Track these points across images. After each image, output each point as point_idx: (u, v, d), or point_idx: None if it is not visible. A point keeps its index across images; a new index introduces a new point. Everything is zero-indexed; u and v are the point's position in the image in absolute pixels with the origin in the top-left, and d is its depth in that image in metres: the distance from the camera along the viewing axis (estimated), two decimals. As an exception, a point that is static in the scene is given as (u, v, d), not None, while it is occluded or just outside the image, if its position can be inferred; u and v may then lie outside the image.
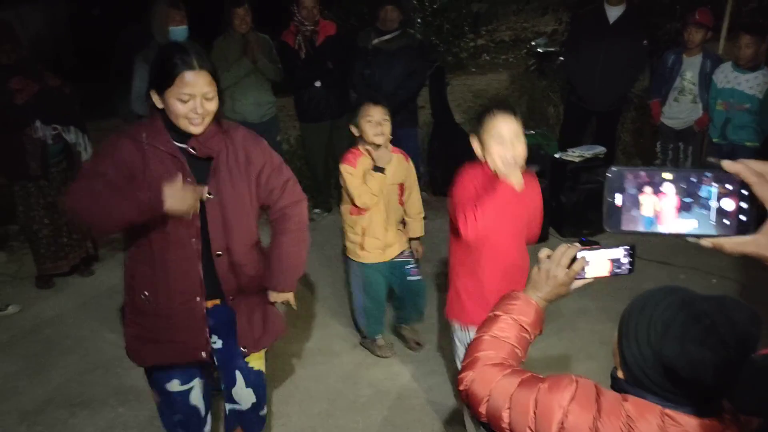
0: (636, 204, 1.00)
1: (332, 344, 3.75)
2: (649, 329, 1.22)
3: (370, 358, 3.60)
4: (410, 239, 3.49)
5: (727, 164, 0.94)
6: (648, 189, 0.99)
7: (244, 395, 2.51)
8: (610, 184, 1.01)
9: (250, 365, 2.47)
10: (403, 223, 3.46)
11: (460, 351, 2.64)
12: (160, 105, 2.06)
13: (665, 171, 0.98)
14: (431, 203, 5.29)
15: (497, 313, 1.48)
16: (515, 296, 1.49)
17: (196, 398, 2.43)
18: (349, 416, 3.17)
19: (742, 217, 0.96)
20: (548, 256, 1.45)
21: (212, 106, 2.07)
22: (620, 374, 1.30)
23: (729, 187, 0.96)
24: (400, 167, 3.30)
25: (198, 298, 2.21)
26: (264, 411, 2.63)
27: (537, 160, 4.87)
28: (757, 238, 0.93)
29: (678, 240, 1.01)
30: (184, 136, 2.10)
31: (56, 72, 4.35)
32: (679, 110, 4.90)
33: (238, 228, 2.21)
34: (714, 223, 0.97)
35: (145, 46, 4.39)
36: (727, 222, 0.96)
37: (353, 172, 3.18)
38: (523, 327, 1.45)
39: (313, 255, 4.76)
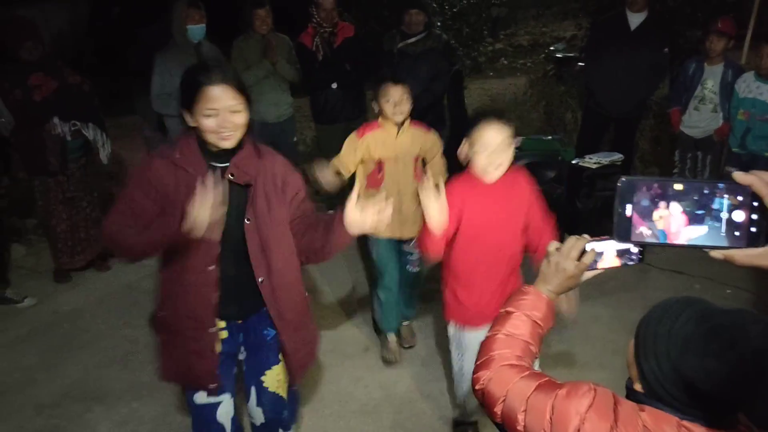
0: (647, 215, 0.99)
1: (344, 346, 3.76)
2: (668, 344, 1.21)
3: (392, 363, 3.60)
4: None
5: (739, 176, 0.94)
6: (659, 200, 0.99)
7: (256, 413, 2.50)
8: (621, 195, 1.01)
9: (265, 385, 2.44)
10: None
11: (452, 347, 2.81)
12: (192, 123, 2.05)
13: (677, 182, 0.98)
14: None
15: (509, 309, 1.47)
16: (525, 291, 1.48)
17: (224, 415, 2.39)
18: (360, 419, 3.18)
19: (753, 229, 0.95)
20: (557, 249, 1.43)
21: (240, 119, 2.04)
22: (637, 387, 1.29)
23: (740, 198, 0.95)
24: (417, 140, 3.29)
25: (211, 329, 2.20)
26: None
27: (553, 165, 4.86)
28: None
29: (692, 250, 1.01)
30: (220, 156, 2.10)
31: (76, 69, 4.41)
32: (699, 119, 4.86)
33: (278, 251, 2.20)
34: (724, 235, 0.96)
35: (165, 45, 4.44)
36: (737, 233, 0.96)
37: (351, 140, 3.29)
38: (536, 322, 1.44)
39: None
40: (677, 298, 1.29)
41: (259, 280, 2.19)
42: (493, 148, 2.40)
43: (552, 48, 9.00)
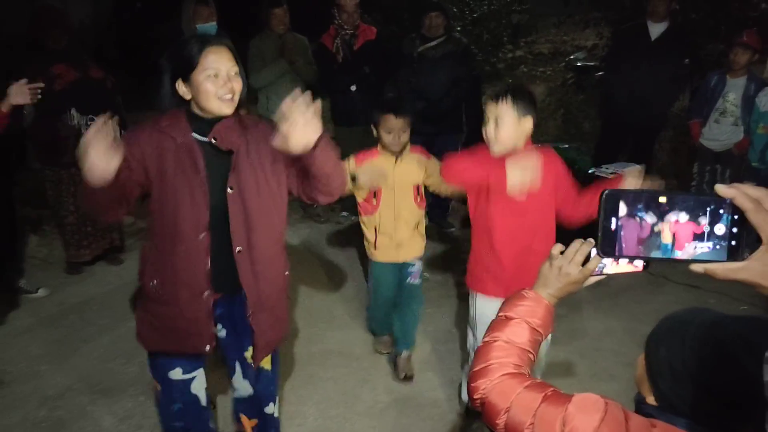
0: (632, 228, 0.98)
1: (352, 347, 3.74)
2: (683, 351, 1.18)
3: (390, 363, 3.58)
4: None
5: (722, 189, 0.93)
6: (643, 213, 0.97)
7: (242, 386, 2.53)
8: (605, 208, 0.99)
9: (248, 361, 2.46)
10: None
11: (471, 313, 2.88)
12: (188, 95, 2.05)
13: (661, 194, 0.97)
14: (460, 211, 5.26)
15: (508, 314, 1.42)
16: (524, 296, 1.44)
17: (198, 388, 2.44)
18: (365, 421, 3.15)
19: (734, 243, 0.94)
20: (561, 252, 1.39)
21: (238, 85, 2.07)
22: (650, 400, 1.25)
23: (722, 211, 0.94)
24: (416, 167, 3.24)
25: (205, 294, 2.20)
26: (269, 409, 2.60)
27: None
28: (749, 265, 0.92)
29: (679, 264, 0.99)
30: (206, 128, 2.09)
31: (98, 63, 4.42)
32: (720, 132, 4.80)
33: (262, 223, 2.19)
34: (706, 249, 0.95)
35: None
36: (718, 247, 0.95)
37: (349, 165, 3.18)
38: (535, 329, 1.39)
39: (338, 256, 4.82)
40: (685, 309, 1.26)
41: (237, 249, 2.18)
42: (492, 120, 2.49)
43: (572, 57, 8.96)
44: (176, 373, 2.37)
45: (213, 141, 2.09)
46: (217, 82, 2.02)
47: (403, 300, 3.51)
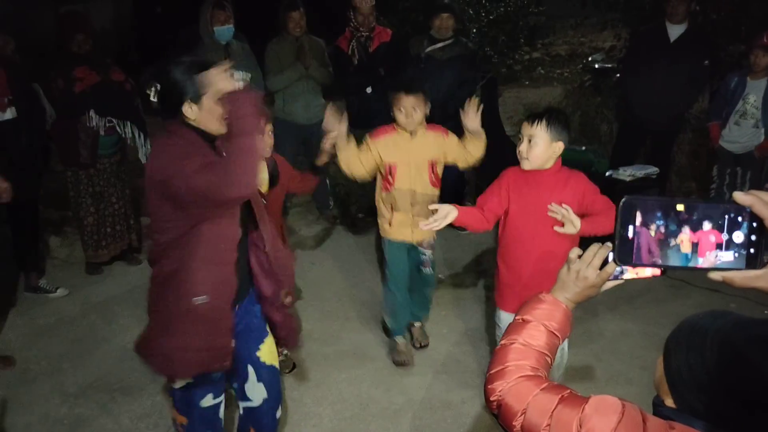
0: (649, 236, 0.97)
1: (368, 348, 3.75)
2: (702, 352, 1.17)
3: (405, 365, 3.58)
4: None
5: (739, 196, 0.93)
6: (661, 221, 0.97)
7: (256, 390, 2.49)
8: (622, 215, 0.98)
9: (262, 360, 2.46)
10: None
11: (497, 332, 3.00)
12: (194, 115, 2.06)
13: (678, 202, 0.96)
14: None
15: (525, 317, 1.42)
16: (542, 299, 1.43)
17: (222, 412, 2.46)
18: (380, 423, 3.16)
19: (752, 251, 0.94)
20: (579, 256, 1.38)
21: None
22: (669, 402, 1.24)
23: (740, 219, 0.94)
24: (433, 144, 3.27)
25: (236, 303, 2.27)
26: (278, 413, 2.60)
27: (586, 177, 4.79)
28: (767, 273, 0.91)
29: (697, 272, 0.99)
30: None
31: (119, 66, 4.48)
32: (740, 134, 4.75)
33: (269, 222, 2.36)
34: (724, 257, 0.95)
35: (196, 46, 4.46)
36: (737, 255, 0.94)
37: (365, 141, 3.29)
38: (552, 333, 1.39)
39: (352, 258, 4.82)
40: (705, 312, 1.25)
41: (266, 248, 2.30)
42: (525, 138, 2.67)
43: (590, 58, 8.91)
44: (208, 400, 2.35)
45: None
46: (221, 105, 2.05)
47: (416, 286, 3.58)
